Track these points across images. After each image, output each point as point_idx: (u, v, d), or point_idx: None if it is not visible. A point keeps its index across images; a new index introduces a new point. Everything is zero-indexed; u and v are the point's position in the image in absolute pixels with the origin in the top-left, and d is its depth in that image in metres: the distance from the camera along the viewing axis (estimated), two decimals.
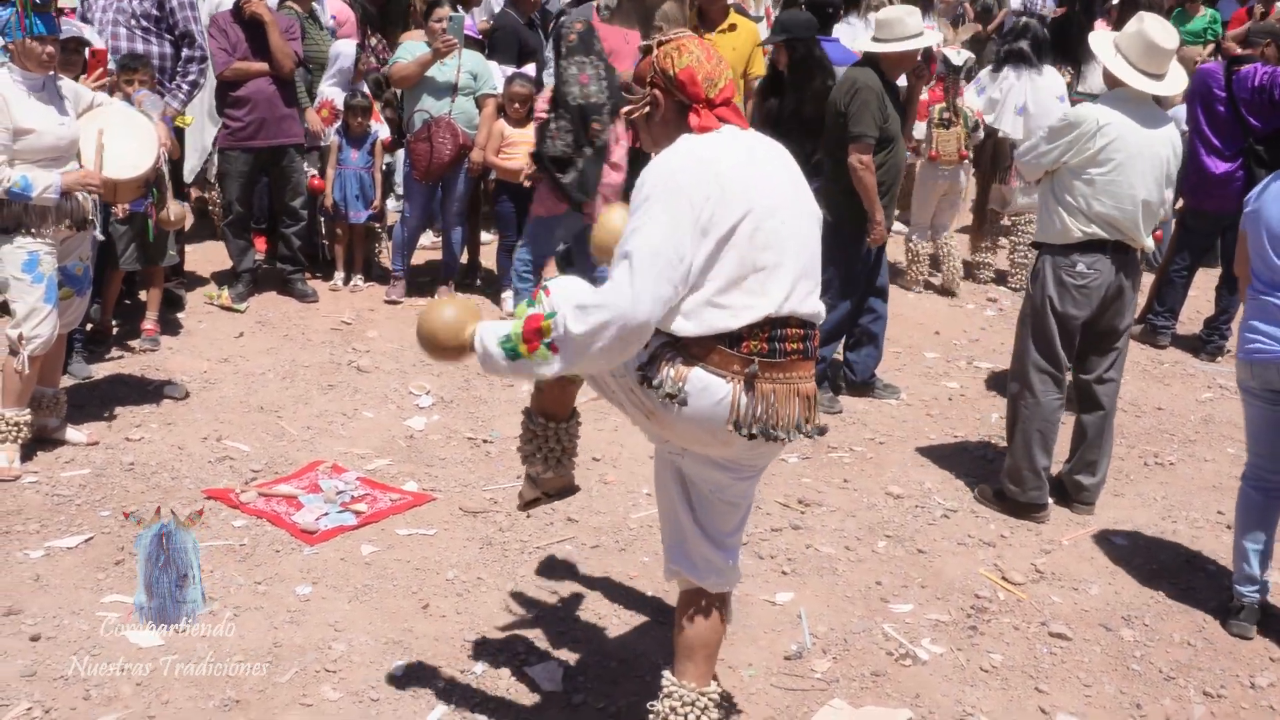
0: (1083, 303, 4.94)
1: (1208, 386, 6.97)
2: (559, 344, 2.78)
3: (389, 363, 6.45)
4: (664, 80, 2.96)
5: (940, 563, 4.71)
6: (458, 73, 7.23)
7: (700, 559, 3.21)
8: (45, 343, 4.90)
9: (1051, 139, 4.93)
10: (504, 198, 7.51)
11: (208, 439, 5.37)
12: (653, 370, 2.90)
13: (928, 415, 6.28)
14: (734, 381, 2.89)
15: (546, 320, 2.78)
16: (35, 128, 4.75)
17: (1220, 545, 5.00)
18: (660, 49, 2.98)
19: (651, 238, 2.76)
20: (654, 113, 3.01)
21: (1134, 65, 4.80)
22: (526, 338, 2.81)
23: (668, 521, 3.28)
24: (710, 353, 2.89)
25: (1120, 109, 4.84)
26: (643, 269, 2.74)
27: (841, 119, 5.87)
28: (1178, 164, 4.98)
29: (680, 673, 3.22)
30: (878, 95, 5.83)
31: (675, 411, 2.92)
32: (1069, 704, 3.86)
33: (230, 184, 7.14)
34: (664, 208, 2.78)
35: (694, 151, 2.88)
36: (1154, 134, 4.86)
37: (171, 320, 6.79)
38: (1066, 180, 4.90)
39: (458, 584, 4.29)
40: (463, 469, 5.26)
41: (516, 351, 2.83)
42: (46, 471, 4.95)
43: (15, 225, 4.80)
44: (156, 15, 6.58)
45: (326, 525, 4.63)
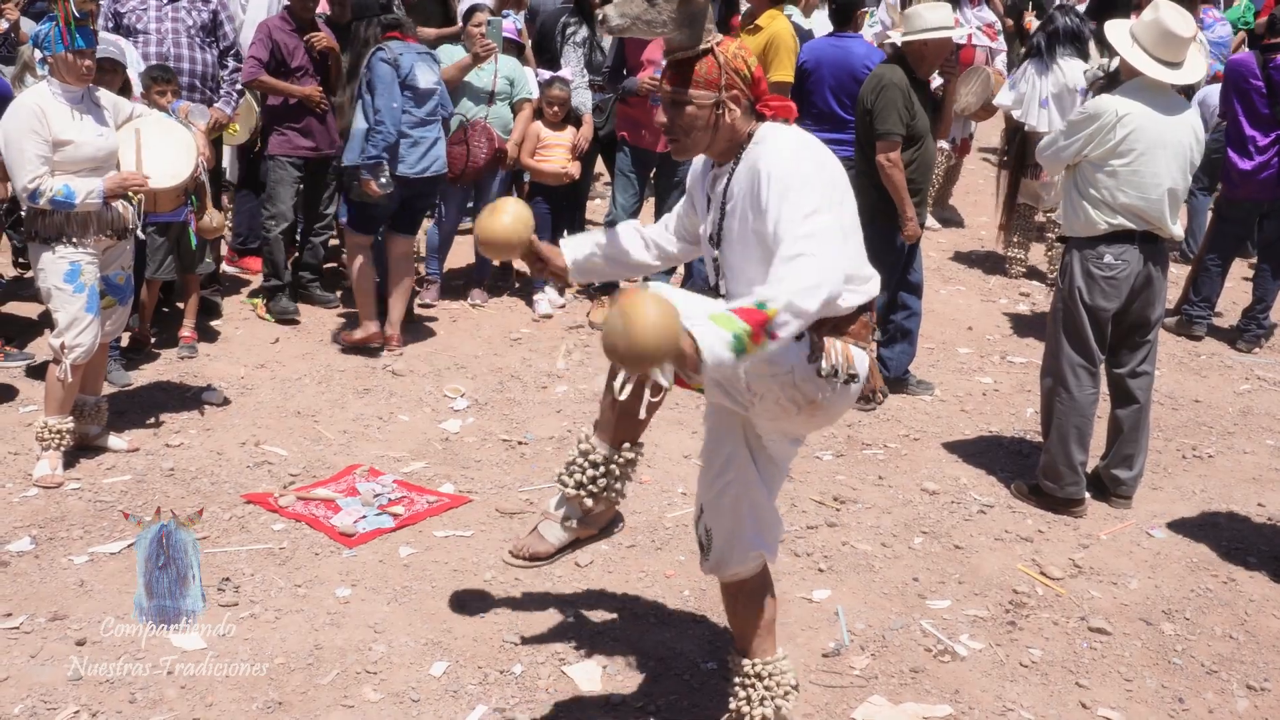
0: (1111, 294, 4.92)
1: (1245, 378, 6.91)
2: (780, 330, 2.75)
3: (423, 366, 6.49)
4: (742, 81, 3.01)
5: (978, 558, 4.70)
6: (494, 78, 7.27)
7: (774, 538, 3.34)
8: (87, 352, 4.96)
9: (1071, 132, 4.91)
10: (539, 199, 7.55)
11: (246, 444, 5.43)
12: (819, 358, 2.99)
13: (962, 411, 6.26)
14: (869, 351, 3.10)
15: (770, 311, 2.73)
16: (74, 139, 4.82)
17: (1261, 538, 4.96)
18: (727, 51, 3.00)
19: (828, 218, 2.84)
20: (727, 113, 3.01)
21: (1150, 54, 4.78)
22: (755, 334, 2.73)
23: (741, 511, 3.25)
24: (855, 325, 3.07)
25: (1139, 98, 4.82)
26: (832, 243, 2.82)
27: (868, 117, 5.86)
28: (1200, 150, 4.93)
29: (761, 651, 3.37)
30: (904, 92, 5.82)
31: (844, 393, 3.05)
32: (1110, 699, 3.84)
33: (283, 191, 7.06)
34: (823, 191, 2.88)
35: (811, 140, 3.02)
36: (1175, 121, 4.83)
37: (208, 327, 6.86)
38: (1089, 173, 4.89)
39: (495, 585, 4.32)
40: (498, 471, 5.29)
41: (744, 349, 2.72)
42: (89, 478, 5.02)
43: (57, 235, 4.86)
44: (211, 26, 6.85)
45: (365, 528, 4.67)
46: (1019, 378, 6.73)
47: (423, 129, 6.53)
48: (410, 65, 6.39)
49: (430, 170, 6.59)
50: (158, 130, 5.28)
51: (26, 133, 4.73)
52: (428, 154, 6.56)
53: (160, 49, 6.59)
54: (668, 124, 3.06)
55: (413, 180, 6.52)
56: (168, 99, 5.96)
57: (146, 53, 6.56)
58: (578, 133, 7.52)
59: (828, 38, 7.17)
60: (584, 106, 7.54)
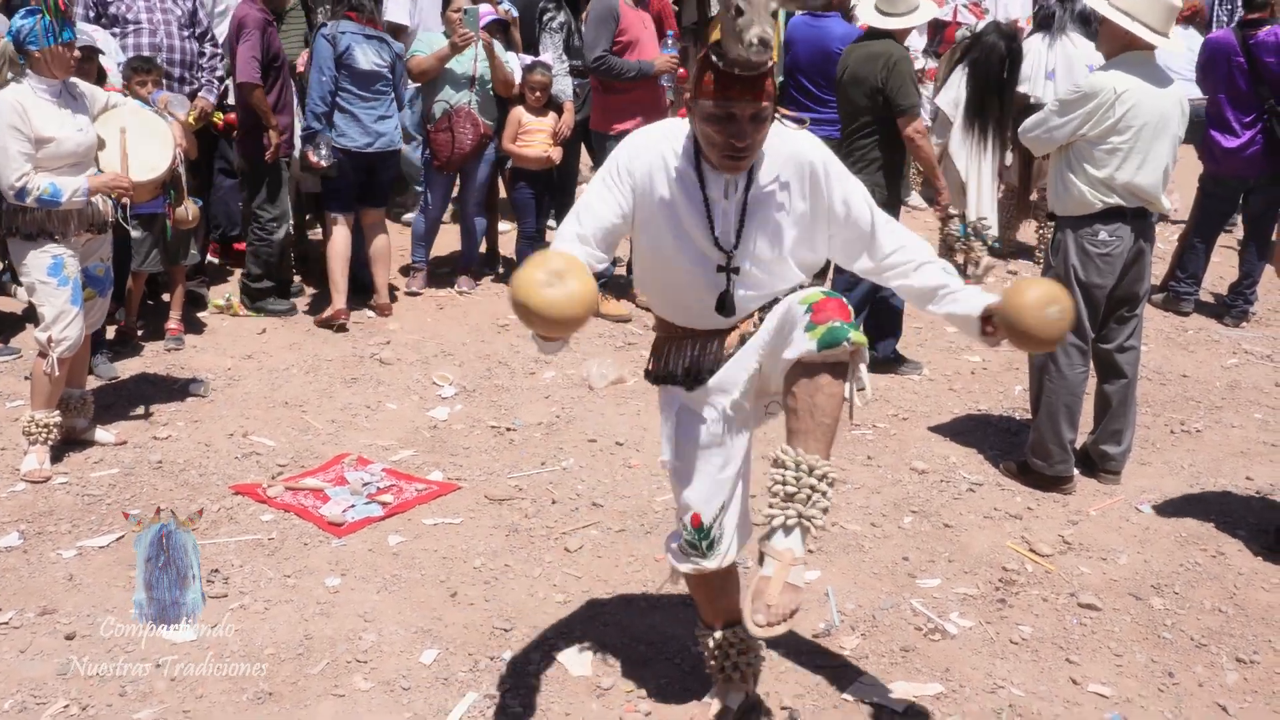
0: (1107, 271, 4.90)
1: (1233, 352, 6.92)
2: None
3: (411, 354, 6.48)
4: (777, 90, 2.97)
5: (967, 537, 4.70)
6: (475, 64, 7.23)
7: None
8: (73, 345, 4.95)
9: (1064, 111, 4.84)
10: (522, 184, 7.52)
11: (234, 435, 5.42)
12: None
13: (950, 390, 6.27)
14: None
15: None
16: (55, 135, 4.78)
17: (1250, 511, 4.98)
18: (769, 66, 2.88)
19: None
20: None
21: (1142, 22, 4.71)
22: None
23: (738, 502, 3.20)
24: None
25: (1135, 73, 4.77)
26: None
27: (880, 96, 5.82)
28: (1185, 124, 4.92)
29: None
30: (910, 64, 5.88)
31: None
32: (1100, 674, 3.85)
33: (283, 192, 7.10)
34: None
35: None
36: (1167, 94, 4.81)
37: (195, 319, 6.84)
38: (1086, 151, 4.83)
39: (485, 571, 4.32)
40: (487, 457, 5.28)
41: None
42: (77, 472, 5.00)
43: (38, 231, 4.85)
44: (193, 14, 6.84)
45: (354, 517, 4.66)
46: (1007, 355, 6.73)
47: (363, 105, 6.84)
48: (348, 44, 6.72)
49: (376, 145, 6.91)
50: (135, 121, 5.25)
51: (9, 130, 4.70)
52: (371, 130, 6.87)
53: (154, 39, 6.57)
54: (749, 141, 2.79)
55: (361, 154, 6.87)
56: (148, 89, 5.93)
57: (139, 43, 6.54)
58: (559, 119, 7.49)
59: (804, 16, 7.12)
60: (564, 94, 7.52)
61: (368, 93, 6.84)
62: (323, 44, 6.75)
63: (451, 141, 7.20)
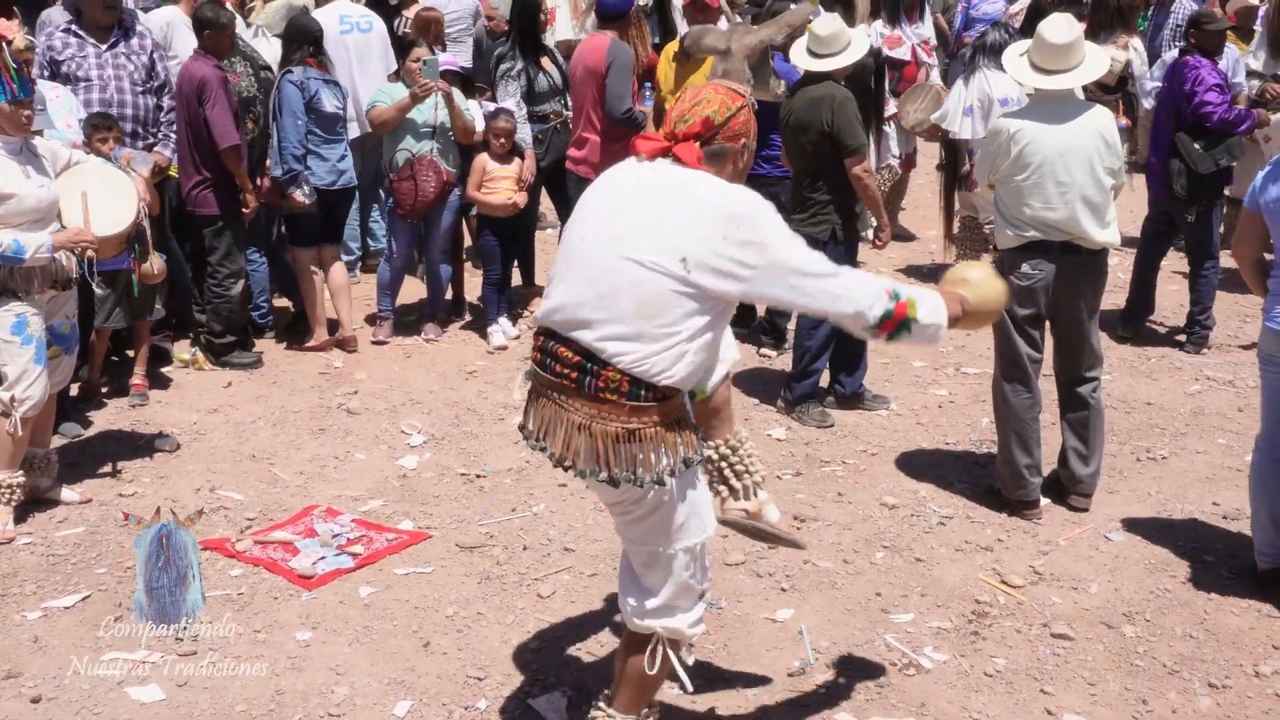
0: (1026, 301, 5.03)
1: (1195, 379, 6.99)
2: None
3: (379, 403, 6.46)
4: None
5: (939, 570, 4.72)
6: (436, 111, 7.26)
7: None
8: (37, 404, 4.91)
9: (981, 152, 5.18)
10: (487, 233, 7.54)
11: (201, 490, 5.37)
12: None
13: (918, 424, 6.30)
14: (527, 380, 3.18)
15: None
16: (16, 192, 4.76)
17: (1217, 536, 5.02)
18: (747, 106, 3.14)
19: None
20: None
21: (1036, 66, 5.02)
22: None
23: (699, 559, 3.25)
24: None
25: (1031, 113, 5.06)
26: None
27: (827, 140, 5.89)
28: (1110, 151, 4.98)
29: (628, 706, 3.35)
30: (855, 105, 5.93)
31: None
32: (1074, 704, 3.86)
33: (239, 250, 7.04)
34: None
35: None
36: (1070, 128, 4.94)
37: (160, 374, 6.79)
38: (1001, 189, 5.10)
39: (458, 620, 4.29)
40: (457, 505, 5.26)
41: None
42: (41, 532, 4.94)
43: (1, 289, 4.81)
44: (149, 67, 6.75)
45: (324, 569, 4.63)
46: (974, 388, 6.77)
47: (327, 146, 7.15)
48: (316, 90, 7.03)
49: (339, 183, 7.23)
50: (97, 177, 5.24)
51: None
52: (334, 168, 7.18)
53: (104, 95, 6.50)
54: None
55: (328, 191, 7.16)
56: (109, 146, 5.91)
57: (89, 99, 6.47)
58: (523, 164, 7.52)
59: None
60: (524, 141, 7.56)
61: (330, 134, 7.16)
62: (292, 90, 6.94)
63: (415, 190, 7.22)
